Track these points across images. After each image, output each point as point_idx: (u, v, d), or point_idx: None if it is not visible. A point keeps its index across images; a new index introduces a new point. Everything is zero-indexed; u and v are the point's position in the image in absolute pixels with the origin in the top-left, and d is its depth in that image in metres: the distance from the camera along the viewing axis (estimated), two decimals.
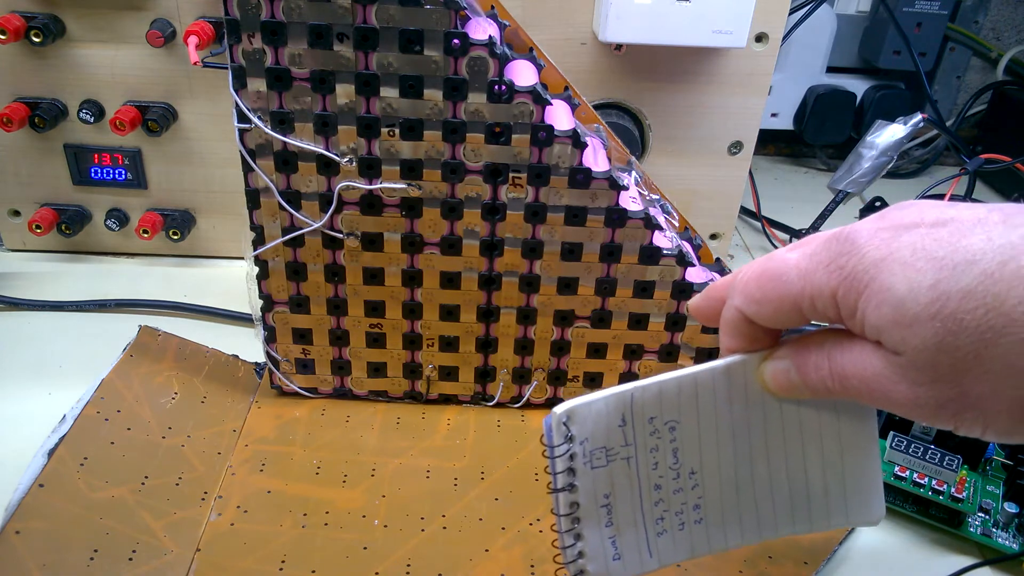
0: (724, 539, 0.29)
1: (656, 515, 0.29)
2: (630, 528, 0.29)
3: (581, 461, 0.28)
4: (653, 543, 0.29)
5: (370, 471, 0.40)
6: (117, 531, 0.35)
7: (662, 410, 0.28)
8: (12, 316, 0.51)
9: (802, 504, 0.29)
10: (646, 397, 0.27)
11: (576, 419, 0.27)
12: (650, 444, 0.28)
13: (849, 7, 0.76)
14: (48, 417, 0.40)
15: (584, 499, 0.28)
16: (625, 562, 0.29)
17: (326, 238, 0.40)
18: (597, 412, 0.27)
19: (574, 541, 0.28)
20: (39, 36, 0.49)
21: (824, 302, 0.23)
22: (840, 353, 0.24)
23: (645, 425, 0.28)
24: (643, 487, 0.28)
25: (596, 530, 0.29)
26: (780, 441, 0.28)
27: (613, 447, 0.28)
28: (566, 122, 0.38)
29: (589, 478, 0.28)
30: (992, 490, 0.40)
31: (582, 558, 0.29)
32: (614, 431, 0.28)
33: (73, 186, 0.55)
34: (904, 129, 0.55)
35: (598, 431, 0.27)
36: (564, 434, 0.27)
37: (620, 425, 0.28)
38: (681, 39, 0.47)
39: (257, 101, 0.37)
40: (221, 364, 0.46)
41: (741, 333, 0.27)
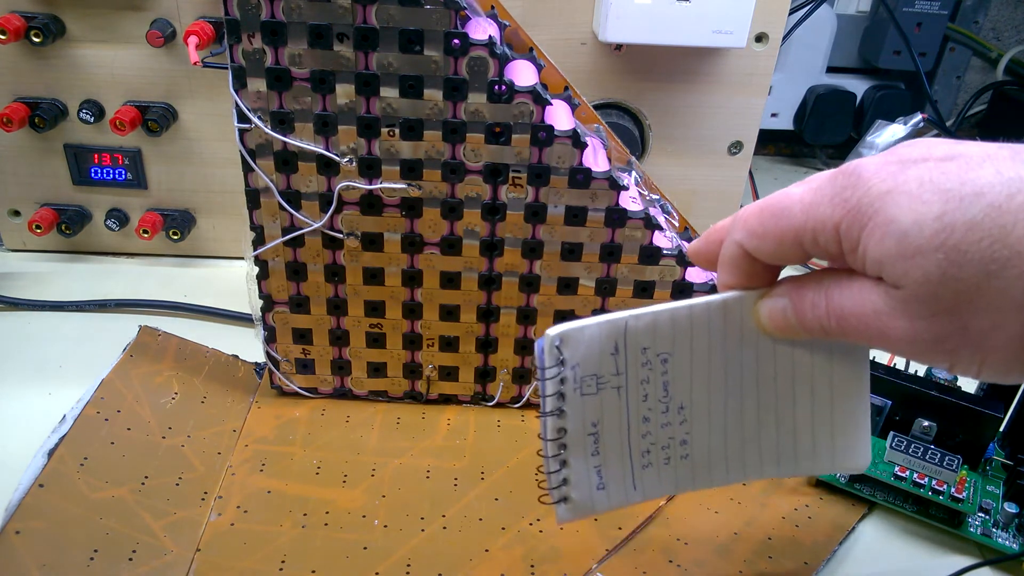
0: (709, 476, 0.29)
1: (643, 447, 0.29)
2: (616, 459, 0.29)
3: (571, 386, 0.27)
4: (638, 475, 0.29)
5: (370, 471, 0.40)
6: (117, 531, 0.35)
7: (655, 341, 0.27)
8: (12, 316, 0.51)
9: (788, 446, 0.29)
10: (639, 326, 0.27)
11: (569, 343, 0.27)
12: (641, 375, 0.28)
13: (849, 7, 0.76)
14: (48, 417, 0.40)
15: (572, 426, 0.28)
16: (609, 492, 0.29)
17: (326, 238, 0.40)
18: (590, 337, 0.27)
19: (559, 467, 0.28)
20: (39, 36, 0.49)
21: (827, 236, 0.23)
22: (839, 290, 0.24)
23: (637, 355, 0.27)
24: (631, 418, 0.28)
25: (582, 458, 0.28)
26: (771, 381, 0.28)
27: (604, 375, 0.27)
28: (566, 122, 0.38)
29: (578, 405, 0.28)
30: (992, 490, 0.40)
31: (566, 485, 0.29)
32: (606, 359, 0.27)
33: (73, 186, 0.55)
34: (904, 129, 0.55)
35: (590, 357, 0.27)
36: (556, 357, 0.27)
37: (612, 353, 0.27)
38: (681, 39, 0.47)
39: (257, 101, 0.37)
40: (221, 364, 0.46)
41: (740, 269, 0.26)
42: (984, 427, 0.39)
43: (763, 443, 0.29)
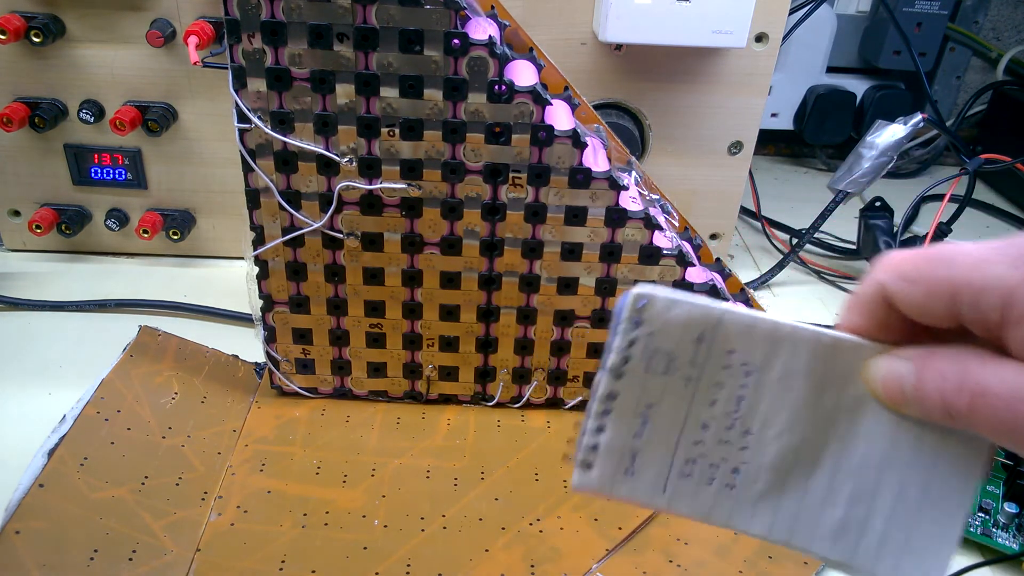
0: (747, 521, 0.26)
1: (690, 455, 0.26)
2: (657, 452, 0.26)
3: (639, 355, 0.25)
4: (673, 481, 0.26)
5: (370, 471, 0.40)
6: (117, 531, 0.35)
7: (746, 348, 0.24)
8: (12, 316, 0.51)
9: (851, 534, 0.25)
10: (734, 325, 0.24)
11: (653, 308, 0.24)
12: (717, 377, 0.25)
13: (849, 7, 0.76)
14: (48, 417, 0.40)
15: (625, 396, 0.25)
16: (635, 482, 0.26)
17: (326, 238, 0.40)
18: (678, 314, 0.24)
19: (596, 431, 0.26)
20: (39, 36, 0.49)
21: (992, 299, 0.20)
22: (982, 366, 0.20)
23: (722, 355, 0.25)
24: (690, 418, 0.25)
25: (622, 434, 0.26)
26: (858, 453, 0.25)
27: (678, 359, 0.25)
28: (566, 122, 0.38)
29: (639, 379, 0.25)
30: (992, 490, 0.40)
31: (594, 452, 0.26)
32: (687, 343, 0.25)
33: (73, 186, 0.55)
34: (904, 129, 0.55)
35: (670, 334, 0.25)
36: (635, 317, 0.24)
37: (695, 340, 0.25)
38: (681, 39, 0.47)
39: (257, 101, 0.37)
40: (221, 364, 0.46)
41: (872, 314, 0.23)
42: None
43: (823, 516, 0.25)
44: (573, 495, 0.40)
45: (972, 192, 0.63)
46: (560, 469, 0.41)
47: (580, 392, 0.45)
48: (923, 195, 0.60)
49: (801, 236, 0.60)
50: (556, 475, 0.41)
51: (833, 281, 0.61)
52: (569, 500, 0.39)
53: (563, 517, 0.38)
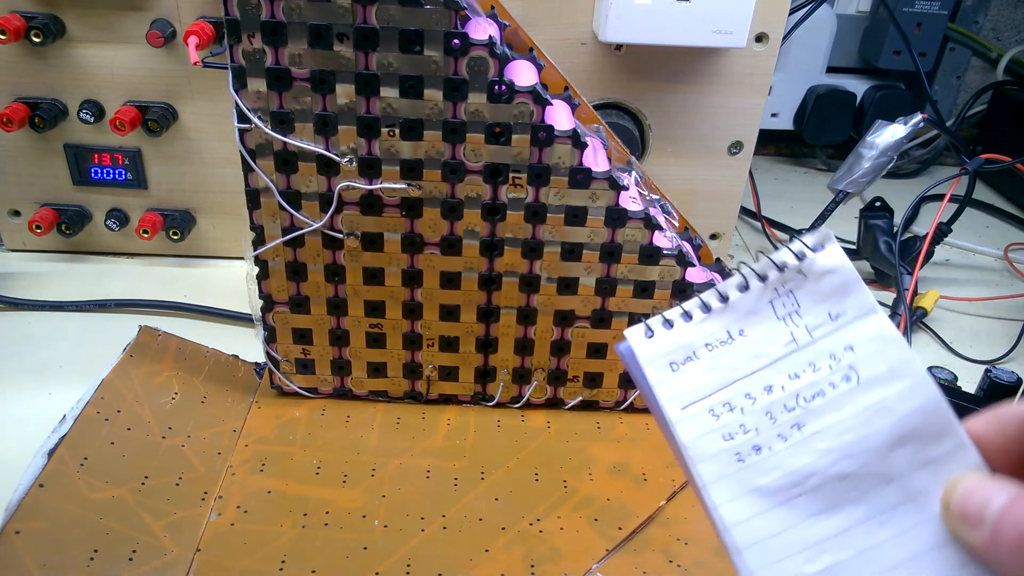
0: (722, 501, 0.24)
1: (733, 401, 0.24)
2: (710, 373, 0.25)
3: (777, 282, 0.24)
4: (697, 408, 0.25)
5: (370, 471, 0.40)
6: (117, 531, 0.35)
7: (867, 356, 0.23)
8: (12, 316, 0.51)
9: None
10: (876, 327, 0.23)
11: (832, 250, 0.24)
12: (819, 359, 0.24)
13: (849, 7, 0.76)
14: (48, 417, 0.40)
15: (733, 307, 0.25)
16: (669, 379, 0.25)
17: (326, 238, 0.40)
18: (847, 273, 0.23)
19: (685, 314, 0.25)
20: (39, 36, 0.49)
21: None
22: None
23: (842, 342, 0.23)
24: (764, 372, 0.24)
25: (699, 335, 0.25)
26: (885, 532, 0.23)
27: (805, 315, 0.24)
28: (566, 122, 0.38)
29: (760, 299, 0.24)
30: None
31: (667, 328, 0.25)
32: (822, 308, 0.24)
33: (73, 186, 0.55)
34: (904, 129, 0.55)
35: (822, 285, 0.24)
36: (779, 265, 0.24)
37: (831, 313, 0.24)
38: (681, 39, 0.47)
39: (257, 101, 0.37)
40: (221, 364, 0.46)
41: (1003, 435, 0.21)
42: None
43: (797, 560, 0.23)
44: (573, 495, 0.40)
45: (972, 192, 0.63)
46: (560, 469, 0.41)
47: (580, 392, 0.45)
48: (923, 195, 0.60)
49: (801, 236, 0.60)
50: (556, 475, 0.41)
51: None
52: (569, 500, 0.39)
53: (563, 517, 0.38)
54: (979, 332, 0.56)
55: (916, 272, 0.52)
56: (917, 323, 0.56)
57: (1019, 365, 0.52)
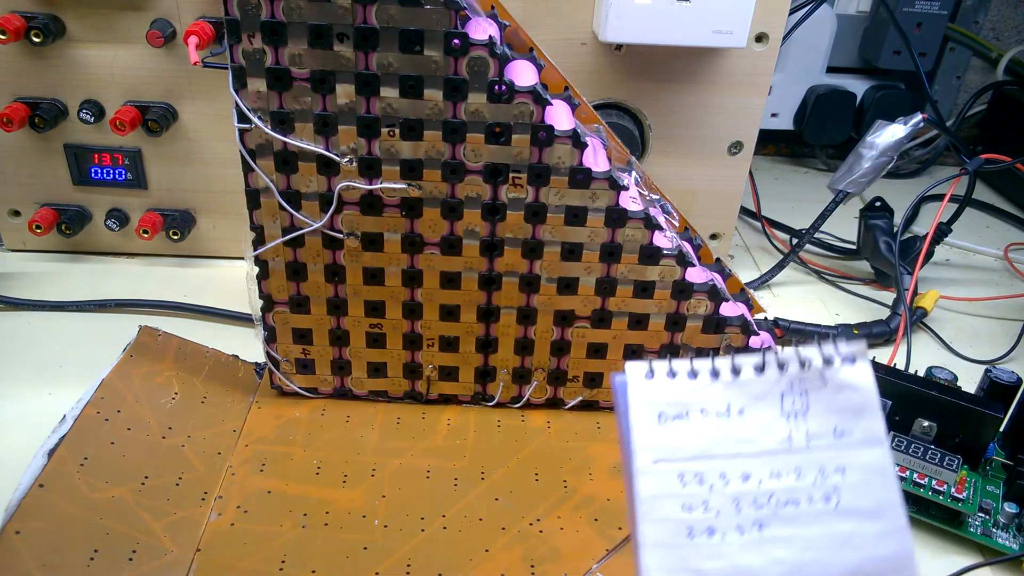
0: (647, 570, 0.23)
1: (705, 474, 0.24)
2: (693, 435, 0.24)
3: (795, 363, 0.23)
4: (666, 469, 0.24)
5: (370, 471, 0.40)
6: (117, 531, 0.35)
7: (853, 490, 0.23)
8: (12, 316, 0.51)
9: None
10: (870, 456, 0.23)
11: (820, 393, 0.23)
12: (807, 471, 0.23)
13: (849, 7, 0.76)
14: (48, 417, 0.40)
15: (735, 390, 0.24)
16: (656, 426, 0.24)
17: (326, 238, 0.40)
18: (870, 398, 0.23)
19: (700, 369, 0.24)
20: (39, 36, 0.49)
21: None
22: None
23: (834, 462, 0.23)
24: (748, 458, 0.23)
25: (691, 390, 0.24)
26: None
27: (815, 418, 0.23)
28: (566, 122, 0.38)
29: (774, 377, 0.24)
30: (992, 490, 0.40)
31: (666, 368, 0.24)
32: (830, 421, 0.23)
33: (73, 186, 0.55)
34: (904, 129, 0.55)
35: (839, 400, 0.23)
36: (801, 366, 0.23)
37: (837, 428, 0.23)
38: (681, 39, 0.47)
39: (257, 101, 0.37)
40: (221, 364, 0.46)
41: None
42: (984, 427, 0.39)
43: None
44: (573, 495, 0.40)
45: (972, 192, 0.63)
46: (560, 469, 0.41)
47: (580, 392, 0.45)
48: (923, 195, 0.60)
49: (801, 236, 0.60)
50: (556, 475, 0.41)
51: (833, 281, 0.61)
52: (569, 500, 0.39)
53: (563, 517, 0.38)
54: (979, 332, 0.56)
55: (916, 272, 0.52)
56: (917, 323, 0.56)
57: (1019, 365, 0.53)
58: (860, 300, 0.59)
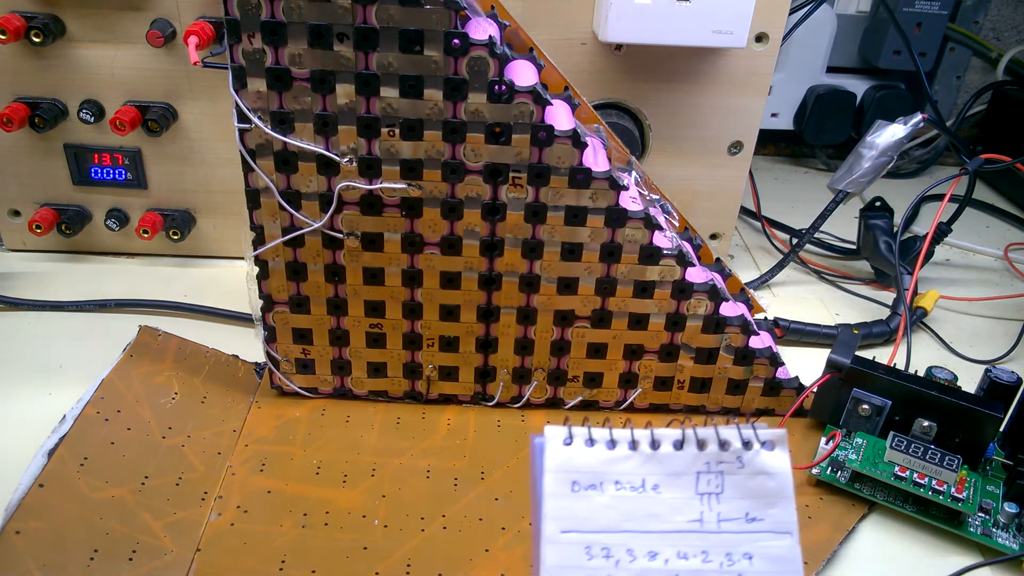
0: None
1: (616, 535, 0.24)
2: (613, 483, 0.24)
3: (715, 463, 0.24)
4: (577, 504, 0.24)
5: (370, 471, 0.40)
6: (117, 531, 0.35)
7: None
8: (12, 316, 0.51)
9: None
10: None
11: (735, 475, 0.24)
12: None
13: (849, 7, 0.76)
14: (48, 417, 0.40)
15: (651, 464, 0.24)
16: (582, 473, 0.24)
17: (326, 238, 0.40)
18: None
19: (619, 439, 0.24)
20: (39, 36, 0.49)
21: None
22: None
23: None
24: (656, 536, 0.24)
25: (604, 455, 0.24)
26: None
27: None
28: (566, 122, 0.38)
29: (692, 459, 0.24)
30: (992, 490, 0.40)
31: (590, 442, 0.25)
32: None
33: (73, 186, 0.55)
34: (904, 129, 0.55)
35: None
36: (720, 447, 0.24)
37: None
38: (681, 39, 0.47)
39: (257, 101, 0.37)
40: (221, 364, 0.46)
41: None
42: (984, 427, 0.39)
43: None
44: None
45: (972, 192, 0.63)
46: None
47: (580, 392, 0.45)
48: (923, 195, 0.60)
49: (801, 236, 0.60)
50: None
51: (833, 281, 0.61)
52: None
53: None
54: (979, 332, 0.56)
55: (916, 272, 0.52)
56: (917, 323, 0.56)
57: (1019, 365, 0.53)
58: (860, 300, 0.59)
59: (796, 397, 0.44)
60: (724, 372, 0.44)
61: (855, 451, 0.41)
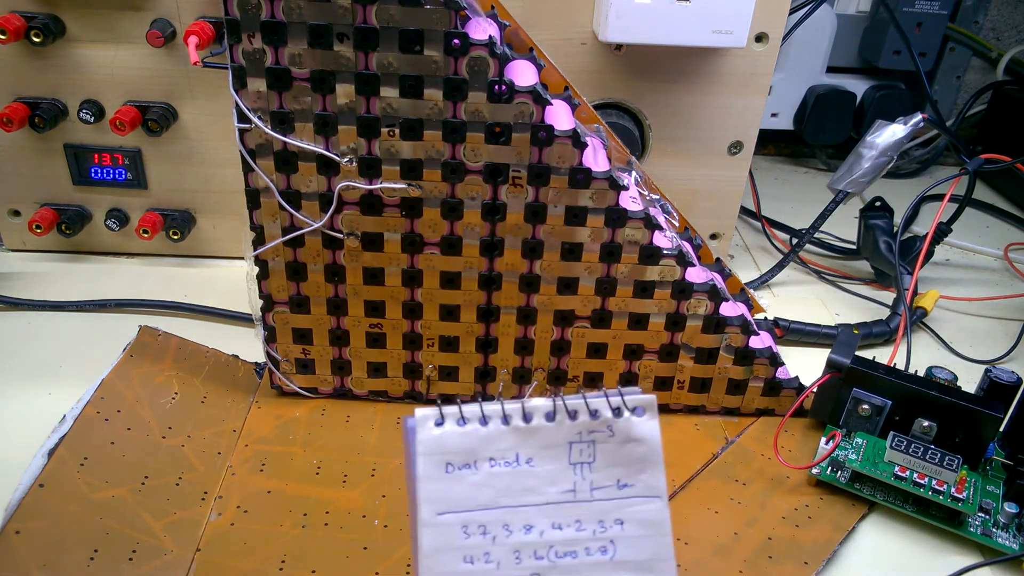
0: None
1: (498, 510, 0.24)
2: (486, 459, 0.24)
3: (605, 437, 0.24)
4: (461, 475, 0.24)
5: (370, 471, 0.40)
6: (117, 531, 0.35)
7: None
8: (12, 316, 0.51)
9: None
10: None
11: (606, 444, 0.24)
12: (599, 526, 0.24)
13: (849, 7, 0.76)
14: (48, 417, 0.40)
15: (524, 438, 0.24)
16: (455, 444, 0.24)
17: (326, 238, 0.40)
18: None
19: (491, 414, 0.25)
20: (39, 36, 0.49)
21: None
22: None
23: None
24: (540, 509, 0.24)
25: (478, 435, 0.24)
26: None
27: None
28: (566, 122, 0.38)
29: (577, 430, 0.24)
30: (992, 490, 0.40)
31: (462, 421, 0.25)
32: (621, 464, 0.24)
33: (73, 186, 0.55)
34: (904, 129, 0.55)
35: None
36: (591, 416, 0.24)
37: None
38: (681, 39, 0.47)
39: (257, 101, 0.37)
40: (221, 364, 0.46)
41: None
42: (984, 427, 0.39)
43: None
44: None
45: (972, 192, 0.63)
46: None
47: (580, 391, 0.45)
48: (923, 195, 0.60)
49: (801, 236, 0.60)
50: None
51: (833, 281, 0.61)
52: None
53: None
54: (979, 332, 0.56)
55: (916, 272, 0.52)
56: (917, 323, 0.56)
57: (1019, 365, 0.53)
58: (860, 300, 0.59)
59: (796, 397, 0.44)
60: (724, 372, 0.44)
61: (855, 451, 0.40)
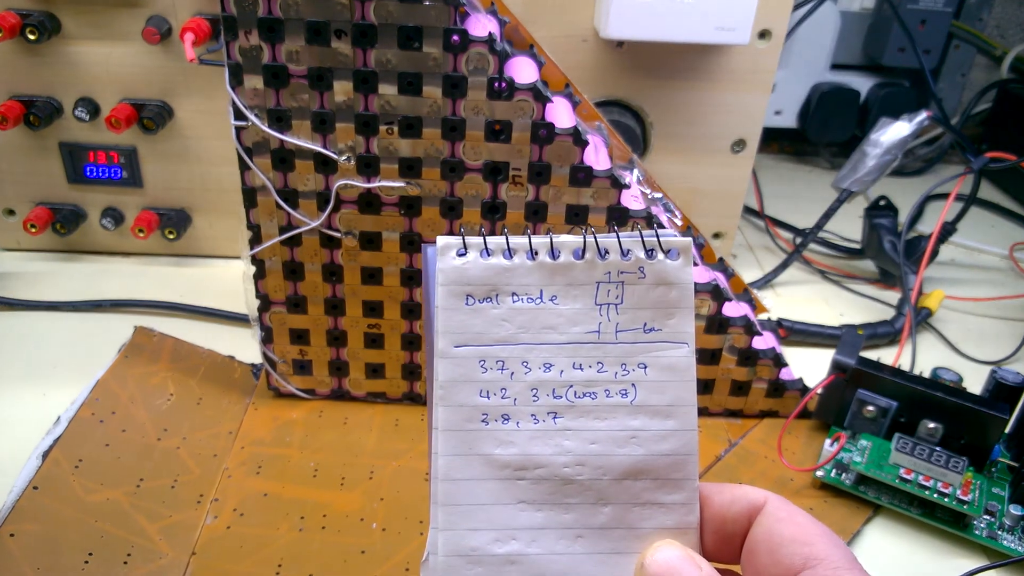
0: (440, 445, 0.23)
1: (509, 361, 0.23)
2: (508, 311, 0.23)
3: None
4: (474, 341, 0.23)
5: (368, 473, 0.40)
6: (112, 534, 0.35)
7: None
8: (6, 316, 0.51)
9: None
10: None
11: (636, 285, 0.23)
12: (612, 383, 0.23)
13: (853, 4, 0.76)
14: (42, 418, 0.39)
15: (550, 274, 0.23)
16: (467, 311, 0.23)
17: (324, 237, 0.39)
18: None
19: (517, 247, 0.24)
20: (34, 33, 0.48)
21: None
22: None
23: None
24: (557, 352, 0.23)
25: (509, 264, 0.23)
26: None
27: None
28: (567, 120, 0.37)
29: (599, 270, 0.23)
30: (998, 492, 0.40)
31: (486, 252, 0.24)
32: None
33: (68, 185, 0.55)
34: (909, 127, 0.54)
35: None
36: (622, 255, 0.23)
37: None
38: (683, 36, 0.47)
39: (254, 98, 0.36)
40: (217, 365, 0.45)
41: (730, 516, 0.23)
42: (990, 429, 0.39)
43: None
44: None
45: (977, 190, 0.62)
46: None
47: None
48: (928, 194, 0.59)
49: (805, 235, 0.60)
50: None
51: (837, 280, 0.61)
52: None
53: None
54: (985, 332, 0.56)
55: (921, 271, 0.52)
56: (922, 323, 0.55)
57: None
58: (865, 300, 0.59)
59: (800, 398, 0.44)
60: (727, 373, 0.43)
61: (860, 453, 0.40)
